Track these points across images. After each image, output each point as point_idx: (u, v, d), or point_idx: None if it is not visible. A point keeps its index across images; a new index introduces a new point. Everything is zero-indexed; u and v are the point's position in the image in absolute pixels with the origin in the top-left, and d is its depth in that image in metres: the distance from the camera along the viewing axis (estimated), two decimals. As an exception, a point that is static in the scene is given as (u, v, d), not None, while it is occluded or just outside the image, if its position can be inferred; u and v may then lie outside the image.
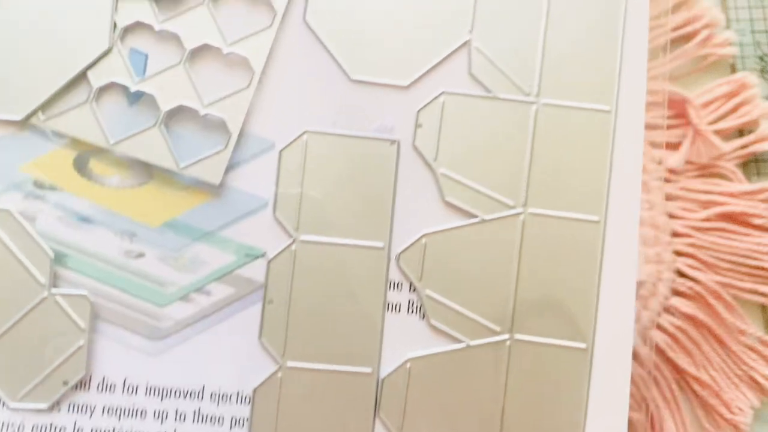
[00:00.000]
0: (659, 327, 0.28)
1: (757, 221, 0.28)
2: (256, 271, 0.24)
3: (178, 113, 0.24)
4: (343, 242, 0.24)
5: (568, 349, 0.24)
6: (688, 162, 0.29)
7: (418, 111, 0.25)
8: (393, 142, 0.25)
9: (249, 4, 0.25)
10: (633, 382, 0.25)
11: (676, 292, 0.28)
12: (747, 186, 0.28)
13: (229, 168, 0.24)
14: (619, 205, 0.24)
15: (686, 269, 0.28)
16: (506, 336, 0.24)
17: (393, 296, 0.24)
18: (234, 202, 0.24)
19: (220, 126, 0.24)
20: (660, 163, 0.28)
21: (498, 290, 0.24)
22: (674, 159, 0.28)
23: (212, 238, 0.24)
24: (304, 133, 0.24)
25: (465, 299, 0.24)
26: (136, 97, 0.24)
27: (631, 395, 0.25)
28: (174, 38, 0.25)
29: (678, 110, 0.29)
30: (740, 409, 0.26)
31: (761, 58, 0.29)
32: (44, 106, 0.24)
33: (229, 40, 0.25)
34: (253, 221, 0.24)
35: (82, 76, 0.24)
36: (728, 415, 0.27)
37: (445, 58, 0.25)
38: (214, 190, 0.24)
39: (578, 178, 0.24)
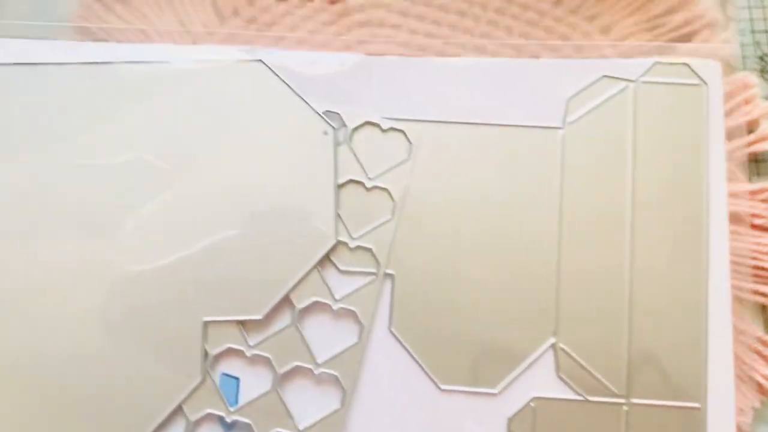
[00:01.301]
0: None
1: (757, 221, 0.27)
2: None
3: (275, 440, 0.25)
4: None
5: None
6: (688, 162, 0.28)
7: (510, 418, 0.25)
8: (488, 451, 0.25)
9: (334, 319, 0.26)
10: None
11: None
12: (747, 186, 0.28)
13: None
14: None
15: (686, 269, 0.28)
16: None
17: None
18: None
19: (316, 449, 0.25)
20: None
21: None
22: (675, 159, 0.28)
23: None
24: (398, 451, 0.25)
25: None
26: (231, 426, 0.25)
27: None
28: (265, 361, 0.25)
29: (678, 110, 0.29)
30: (740, 409, 0.26)
31: (761, 58, 0.29)
32: (142, 446, 0.24)
33: (319, 360, 0.25)
34: None
35: (177, 410, 0.24)
36: (729, 416, 0.26)
37: (532, 363, 0.25)
38: None
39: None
